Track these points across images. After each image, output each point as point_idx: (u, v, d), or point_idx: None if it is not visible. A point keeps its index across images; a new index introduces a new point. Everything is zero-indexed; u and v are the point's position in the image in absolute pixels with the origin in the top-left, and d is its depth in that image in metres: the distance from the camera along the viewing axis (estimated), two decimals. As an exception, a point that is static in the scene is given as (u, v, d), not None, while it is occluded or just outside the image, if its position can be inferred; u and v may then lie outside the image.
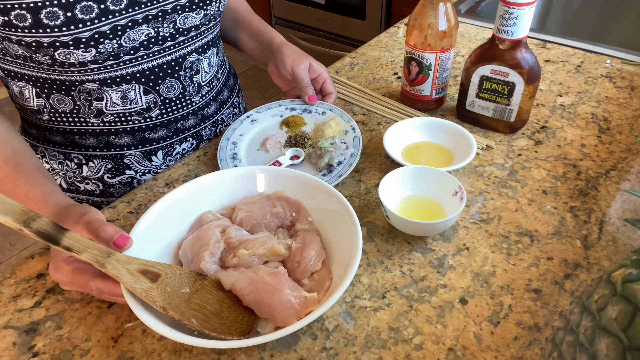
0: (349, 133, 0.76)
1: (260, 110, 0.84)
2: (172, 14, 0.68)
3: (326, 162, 0.71)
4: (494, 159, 0.74)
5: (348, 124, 0.78)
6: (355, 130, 0.76)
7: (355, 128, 0.77)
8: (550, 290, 0.56)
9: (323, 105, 0.83)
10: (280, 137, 0.79)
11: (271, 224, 0.60)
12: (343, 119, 0.79)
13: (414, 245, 0.61)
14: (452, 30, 0.76)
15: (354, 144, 0.74)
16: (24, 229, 0.47)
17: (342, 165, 0.71)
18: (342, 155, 0.72)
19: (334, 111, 0.81)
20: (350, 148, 0.73)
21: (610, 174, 0.71)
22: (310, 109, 0.83)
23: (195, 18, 0.71)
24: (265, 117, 0.83)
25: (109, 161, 0.77)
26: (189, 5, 0.69)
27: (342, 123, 0.79)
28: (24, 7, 0.57)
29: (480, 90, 0.76)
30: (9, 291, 0.57)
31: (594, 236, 0.62)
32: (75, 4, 0.59)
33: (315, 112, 0.82)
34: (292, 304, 0.49)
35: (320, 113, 0.82)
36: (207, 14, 0.73)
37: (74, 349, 0.51)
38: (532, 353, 0.50)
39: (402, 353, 0.50)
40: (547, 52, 1.01)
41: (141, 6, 0.65)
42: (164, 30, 0.69)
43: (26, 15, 0.58)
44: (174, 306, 0.48)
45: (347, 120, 0.79)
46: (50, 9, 0.58)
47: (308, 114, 0.83)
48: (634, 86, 0.90)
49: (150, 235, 0.56)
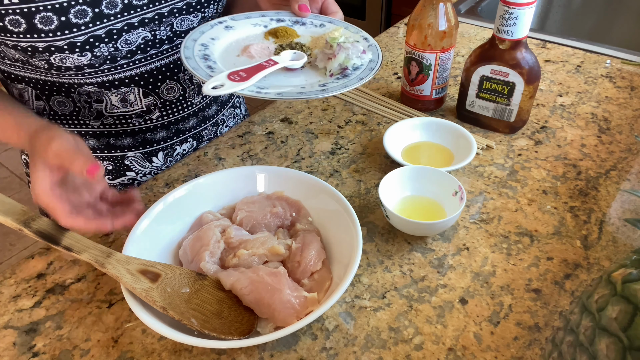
0: (361, 42, 0.61)
1: (237, 18, 0.67)
2: (169, 17, 0.68)
3: (340, 62, 0.56)
4: (494, 159, 0.74)
5: (357, 34, 0.62)
6: (369, 40, 0.62)
7: (368, 38, 0.62)
8: (550, 290, 0.56)
9: (320, 18, 0.66)
10: (269, 44, 0.63)
11: (271, 224, 0.60)
12: (350, 30, 0.64)
13: (414, 245, 0.61)
14: (452, 30, 0.76)
15: (371, 51, 0.60)
16: (24, 229, 0.48)
17: (362, 69, 0.56)
18: (359, 58, 0.57)
19: (335, 23, 0.65)
20: (367, 53, 0.59)
21: (610, 174, 0.71)
22: (303, 20, 0.66)
23: (192, 21, 0.71)
24: (243, 25, 0.66)
25: (109, 163, 0.77)
26: (185, 8, 0.69)
27: (348, 34, 0.63)
28: (18, 12, 0.57)
29: (480, 90, 0.76)
30: (9, 291, 0.57)
31: (594, 236, 0.62)
32: (69, 9, 0.59)
33: (311, 24, 0.65)
34: (292, 304, 0.49)
35: (318, 25, 0.65)
36: (205, 16, 0.72)
37: (74, 349, 0.51)
38: (532, 353, 0.50)
39: (402, 353, 0.50)
40: (547, 52, 1.01)
41: (137, 10, 0.64)
42: (160, 33, 0.68)
43: (20, 20, 0.57)
44: (174, 306, 0.48)
45: (355, 32, 0.63)
46: (44, 14, 0.58)
47: (301, 26, 0.66)
48: (634, 86, 0.90)
49: (150, 235, 0.56)
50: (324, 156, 0.76)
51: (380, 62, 0.57)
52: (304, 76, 0.58)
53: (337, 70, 0.56)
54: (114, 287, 0.57)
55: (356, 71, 0.55)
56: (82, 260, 0.54)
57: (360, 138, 0.79)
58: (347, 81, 0.54)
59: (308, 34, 0.64)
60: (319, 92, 0.53)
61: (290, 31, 0.64)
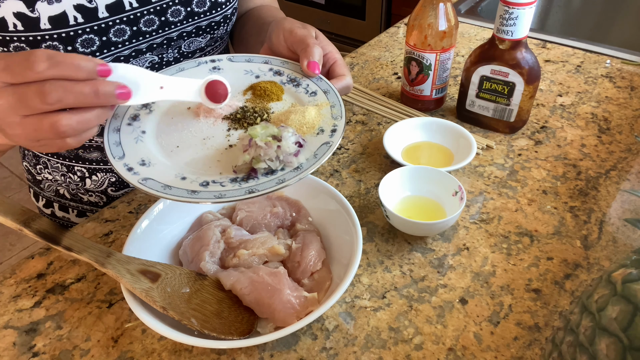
0: (322, 134, 0.52)
1: (236, 59, 0.61)
2: (178, 41, 0.67)
3: (246, 160, 0.47)
4: (494, 159, 0.74)
5: (333, 120, 0.53)
6: (334, 134, 0.51)
7: (338, 130, 0.52)
8: (550, 290, 0.56)
9: (321, 82, 0.58)
10: (229, 102, 0.55)
11: (271, 224, 0.60)
12: (333, 110, 0.54)
13: (414, 245, 0.61)
14: (452, 30, 0.76)
15: (315, 153, 0.50)
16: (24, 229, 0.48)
17: (284, 172, 0.48)
18: (278, 161, 0.48)
19: (329, 97, 0.56)
20: (302, 155, 0.49)
21: (610, 174, 0.71)
22: (301, 81, 0.58)
23: (200, 42, 0.70)
24: (232, 69, 0.60)
25: (112, 174, 0.77)
26: (195, 31, 0.68)
27: (326, 116, 0.54)
28: (23, 40, 0.56)
29: (480, 90, 0.76)
30: (9, 291, 0.57)
31: (594, 236, 0.62)
32: (76, 38, 0.58)
33: (305, 89, 0.57)
34: (292, 304, 0.49)
35: (309, 92, 0.57)
36: (214, 36, 0.71)
37: (74, 349, 0.51)
38: (532, 353, 0.50)
39: (402, 353, 0.50)
40: (547, 52, 1.01)
41: (145, 36, 0.63)
42: (168, 56, 0.67)
43: (25, 48, 0.57)
44: (174, 306, 0.48)
45: (336, 116, 0.54)
46: (50, 43, 0.57)
47: (294, 86, 0.58)
48: (634, 86, 0.90)
49: (150, 235, 0.56)
50: (324, 156, 0.76)
51: (312, 169, 0.47)
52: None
53: (242, 166, 0.48)
54: (114, 287, 0.57)
55: (272, 174, 0.47)
56: (82, 260, 0.54)
57: (360, 138, 0.79)
58: (255, 184, 0.46)
59: (291, 98, 0.57)
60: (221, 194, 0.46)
61: (276, 90, 0.57)
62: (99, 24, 0.59)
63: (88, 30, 0.58)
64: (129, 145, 0.51)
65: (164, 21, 0.64)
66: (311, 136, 0.52)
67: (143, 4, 0.62)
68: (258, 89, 0.57)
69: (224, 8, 0.69)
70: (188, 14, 0.66)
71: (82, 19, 0.58)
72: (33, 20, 0.55)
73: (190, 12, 0.66)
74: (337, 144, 0.50)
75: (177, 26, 0.65)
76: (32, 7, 0.55)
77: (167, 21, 0.65)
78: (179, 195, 0.45)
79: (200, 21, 0.68)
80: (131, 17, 0.61)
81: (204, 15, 0.68)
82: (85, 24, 0.58)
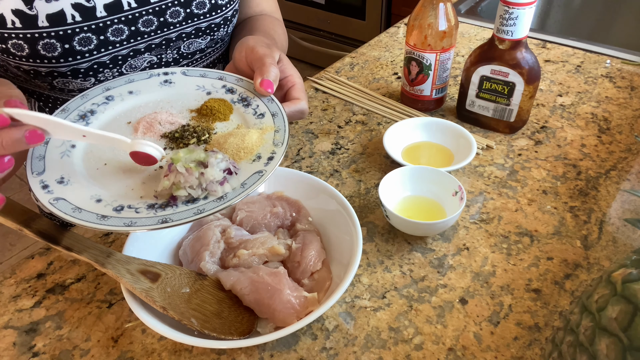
0: (258, 162, 0.49)
1: (190, 73, 0.59)
2: (177, 42, 0.67)
3: (165, 186, 0.45)
4: (494, 159, 0.74)
5: (273, 147, 0.50)
6: (269, 163, 0.48)
7: (274, 158, 0.48)
8: (550, 290, 0.56)
9: (271, 104, 0.55)
10: (172, 119, 0.53)
11: (271, 224, 0.60)
12: (276, 136, 0.51)
13: (414, 245, 0.61)
14: (452, 30, 0.76)
15: (244, 182, 0.46)
16: (24, 229, 0.47)
17: (206, 202, 0.45)
18: (200, 189, 0.45)
19: (275, 120, 0.53)
20: (229, 184, 0.46)
21: (610, 174, 0.71)
22: (252, 101, 0.55)
23: (200, 43, 0.70)
24: (185, 83, 0.58)
25: None
26: (195, 32, 0.68)
27: (267, 142, 0.51)
28: (21, 37, 0.56)
29: (480, 90, 0.76)
30: (9, 291, 0.57)
31: (594, 236, 0.62)
32: (74, 36, 0.58)
33: (254, 109, 0.55)
34: (292, 304, 0.49)
35: (258, 114, 0.54)
36: (214, 38, 0.71)
37: (74, 349, 0.51)
38: (532, 353, 0.50)
39: (402, 353, 0.50)
40: (547, 52, 1.01)
41: (144, 36, 0.63)
42: (167, 56, 0.67)
43: (23, 45, 0.57)
44: (174, 306, 0.48)
45: (277, 143, 0.50)
46: (47, 40, 0.57)
47: (244, 106, 0.55)
48: (634, 86, 0.90)
49: (150, 235, 0.56)
50: (324, 156, 0.76)
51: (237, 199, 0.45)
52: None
53: (163, 193, 0.45)
54: (114, 287, 0.57)
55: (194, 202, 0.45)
56: (82, 260, 0.54)
57: (360, 138, 0.79)
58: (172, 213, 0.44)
59: (238, 119, 0.54)
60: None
61: (225, 109, 0.55)
62: (97, 23, 0.59)
63: (86, 28, 0.58)
64: (53, 160, 0.48)
65: (163, 22, 0.64)
66: (246, 162, 0.49)
67: (142, 5, 0.62)
68: (205, 107, 0.55)
69: (224, 10, 0.69)
70: (187, 15, 0.66)
71: (79, 17, 0.58)
72: (31, 17, 0.55)
73: (189, 14, 0.66)
74: (271, 173, 0.47)
75: (176, 27, 0.65)
76: (30, 4, 0.55)
77: (166, 22, 0.64)
78: (87, 220, 0.43)
79: (199, 23, 0.67)
80: (129, 17, 0.61)
81: (204, 17, 0.67)
82: (82, 23, 0.58)
